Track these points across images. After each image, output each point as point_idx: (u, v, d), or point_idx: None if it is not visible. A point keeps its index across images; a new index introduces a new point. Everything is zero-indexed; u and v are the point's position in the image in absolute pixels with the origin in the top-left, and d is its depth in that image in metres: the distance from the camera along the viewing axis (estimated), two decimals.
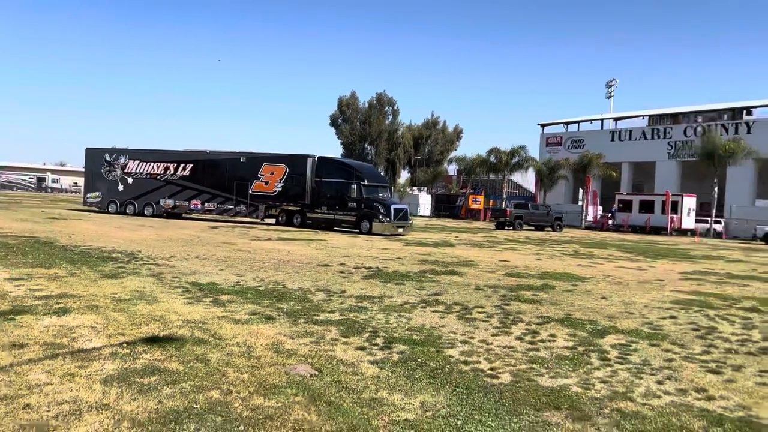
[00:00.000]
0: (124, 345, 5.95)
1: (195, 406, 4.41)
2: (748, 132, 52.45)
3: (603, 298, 10.72)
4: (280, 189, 28.91)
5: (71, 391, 4.62)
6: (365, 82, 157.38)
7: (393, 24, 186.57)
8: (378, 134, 76.71)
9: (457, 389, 5.10)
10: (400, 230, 26.49)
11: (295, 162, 28.84)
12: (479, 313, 8.70)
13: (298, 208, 28.69)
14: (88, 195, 34.31)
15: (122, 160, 32.92)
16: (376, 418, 4.36)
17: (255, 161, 29.76)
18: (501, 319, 8.33)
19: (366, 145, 77.13)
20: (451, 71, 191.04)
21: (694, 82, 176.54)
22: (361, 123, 78.04)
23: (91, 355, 5.59)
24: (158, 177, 31.85)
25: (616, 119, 66.53)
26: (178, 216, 31.74)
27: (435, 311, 8.68)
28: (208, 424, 4.12)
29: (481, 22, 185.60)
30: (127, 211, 32.07)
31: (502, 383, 5.35)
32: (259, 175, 29.30)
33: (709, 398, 5.20)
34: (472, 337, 7.11)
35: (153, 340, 6.18)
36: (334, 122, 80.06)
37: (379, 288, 10.58)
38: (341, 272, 12.45)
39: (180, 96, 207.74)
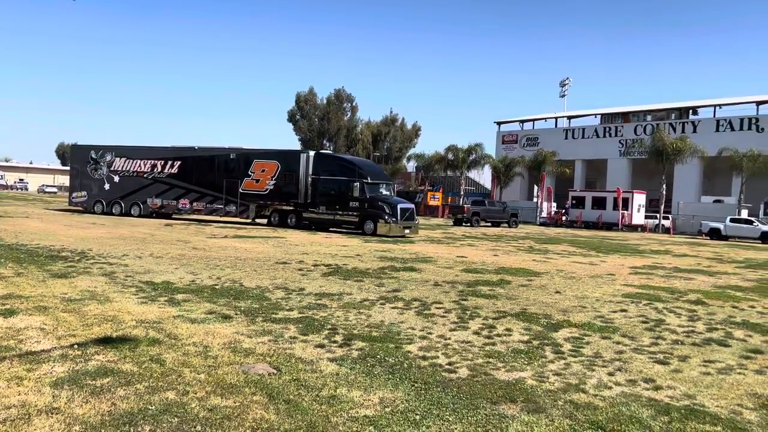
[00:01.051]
0: (75, 346, 5.78)
1: (150, 407, 4.33)
2: (694, 131, 54.55)
3: (557, 292, 10.98)
4: (271, 187, 27.21)
5: (19, 394, 4.46)
6: (323, 78, 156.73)
7: (351, 19, 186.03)
8: (337, 130, 76.38)
9: (416, 384, 5.15)
10: (407, 231, 24.72)
11: (287, 158, 27.44)
12: (437, 308, 8.80)
13: (291, 208, 27.03)
14: (74, 195, 32.64)
15: (108, 157, 31.31)
16: (335, 415, 4.36)
17: (245, 158, 28.19)
18: (459, 314, 8.44)
19: (324, 142, 76.72)
20: (410, 69, 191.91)
21: (644, 82, 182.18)
22: (319, 119, 77.56)
23: (40, 357, 5.41)
24: (145, 175, 30.28)
25: (569, 118, 68.19)
26: (168, 216, 30.04)
27: (394, 308, 8.73)
28: (164, 425, 4.05)
29: (439, 20, 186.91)
30: (114, 211, 30.45)
31: (459, 377, 5.43)
32: (249, 173, 27.66)
33: (657, 388, 5.40)
34: (430, 333, 7.19)
35: (105, 341, 6.02)
36: (291, 118, 79.28)
37: (339, 285, 10.57)
38: (300, 270, 12.38)
39: (127, 89, 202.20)
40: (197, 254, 14.37)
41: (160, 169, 29.98)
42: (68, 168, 33.58)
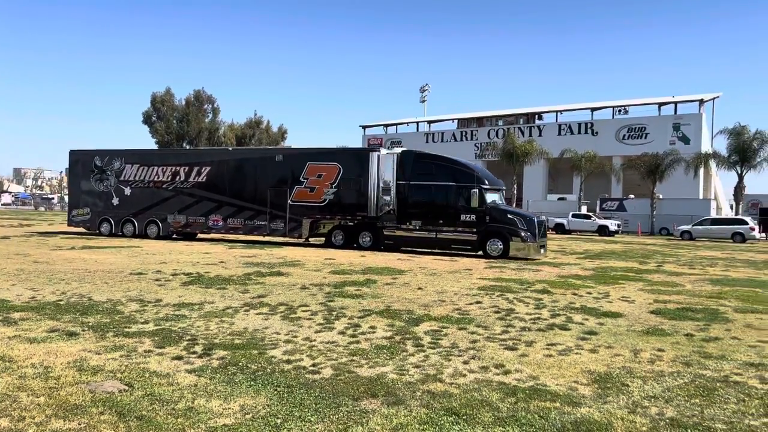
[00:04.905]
0: None
1: None
2: (540, 135, 59.49)
3: (419, 288, 11.42)
4: (331, 197, 21.62)
5: None
6: (181, 79, 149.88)
7: (208, 19, 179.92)
8: (197, 133, 73.59)
9: (279, 389, 5.09)
10: (542, 251, 19.80)
11: (352, 159, 22.02)
12: (304, 311, 8.77)
13: (360, 223, 21.48)
14: (74, 212, 26.18)
15: (117, 164, 25.33)
16: (192, 427, 4.19)
17: (295, 160, 22.58)
18: (325, 315, 8.48)
19: (185, 144, 73.49)
20: (274, 71, 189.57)
21: (496, 88, 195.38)
22: (178, 121, 74.25)
23: None
24: (165, 186, 24.42)
25: (429, 122, 71.38)
26: (192, 236, 25.01)
27: (259, 313, 8.57)
28: None
29: (303, 22, 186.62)
30: (125, 231, 24.77)
31: (323, 378, 5.46)
32: (301, 179, 22.08)
33: (506, 372, 5.81)
34: (295, 336, 7.14)
35: None
36: (147, 120, 75.12)
37: (200, 294, 10.16)
38: (157, 280, 11.73)
39: None
40: (39, 268, 13.08)
41: (183, 178, 24.17)
42: None
